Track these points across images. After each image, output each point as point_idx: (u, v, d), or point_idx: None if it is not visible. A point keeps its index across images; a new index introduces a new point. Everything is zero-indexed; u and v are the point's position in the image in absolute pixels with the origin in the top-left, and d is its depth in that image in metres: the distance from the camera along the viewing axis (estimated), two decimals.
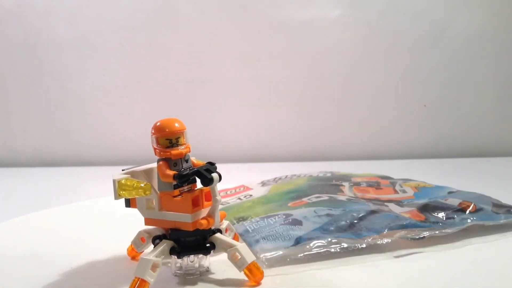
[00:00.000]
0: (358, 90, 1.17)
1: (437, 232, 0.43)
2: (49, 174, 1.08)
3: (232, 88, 1.18)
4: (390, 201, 0.53)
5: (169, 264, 0.38)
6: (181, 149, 0.36)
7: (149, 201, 0.37)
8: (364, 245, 0.41)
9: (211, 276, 0.38)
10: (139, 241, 0.40)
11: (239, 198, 0.59)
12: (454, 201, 0.49)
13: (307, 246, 0.40)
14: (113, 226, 0.45)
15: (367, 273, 0.37)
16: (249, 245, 0.41)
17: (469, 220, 0.45)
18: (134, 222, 0.40)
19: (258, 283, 0.35)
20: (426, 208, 0.48)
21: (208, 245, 0.36)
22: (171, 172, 0.35)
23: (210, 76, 1.17)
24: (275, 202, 0.54)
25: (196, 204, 0.36)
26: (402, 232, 0.43)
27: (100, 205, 0.50)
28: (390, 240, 0.42)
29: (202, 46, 1.16)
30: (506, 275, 0.36)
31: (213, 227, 0.37)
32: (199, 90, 1.18)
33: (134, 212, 0.38)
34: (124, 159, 1.15)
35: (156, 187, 0.37)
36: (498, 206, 0.49)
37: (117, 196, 0.35)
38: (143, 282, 0.33)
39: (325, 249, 0.40)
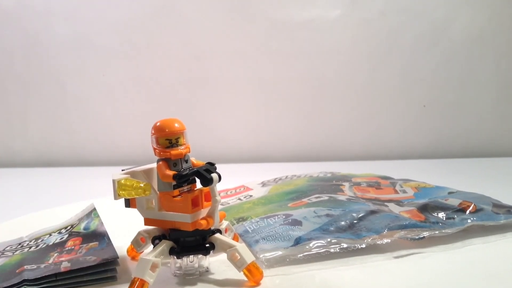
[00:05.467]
0: (358, 90, 1.17)
1: (437, 232, 0.43)
2: (49, 174, 1.08)
3: (232, 88, 1.18)
4: (390, 201, 0.53)
5: (169, 264, 0.38)
6: (180, 149, 0.36)
7: (149, 201, 0.37)
8: (363, 246, 0.41)
9: (211, 276, 0.38)
10: (138, 241, 0.40)
11: (239, 199, 0.59)
12: (454, 201, 0.49)
13: (307, 247, 0.40)
14: (113, 226, 0.45)
15: (366, 273, 0.37)
16: (249, 246, 0.41)
17: (469, 220, 0.45)
18: (134, 222, 0.40)
19: (258, 283, 0.35)
20: (426, 208, 0.48)
21: (207, 245, 0.36)
22: (171, 172, 0.35)
23: (210, 76, 1.17)
24: (275, 202, 0.54)
25: (195, 204, 0.36)
26: (402, 232, 0.43)
27: (100, 205, 0.50)
28: (389, 241, 0.42)
29: (202, 46, 1.16)
30: (506, 275, 0.36)
31: (212, 227, 0.37)
32: (199, 90, 1.18)
33: (134, 212, 0.38)
34: (124, 159, 1.15)
35: (155, 187, 0.37)
36: (498, 206, 0.49)
37: (117, 196, 0.35)
38: (142, 282, 0.33)
39: (324, 250, 0.40)
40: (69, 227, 0.48)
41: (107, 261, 0.37)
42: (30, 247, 0.44)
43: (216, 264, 0.39)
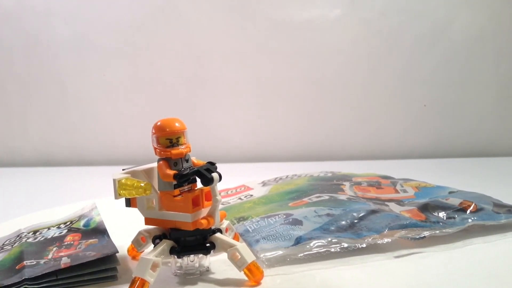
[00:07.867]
0: (358, 90, 1.17)
1: (437, 231, 0.43)
2: (49, 174, 1.07)
3: (233, 88, 1.18)
4: (390, 200, 0.53)
5: (169, 264, 0.38)
6: (181, 149, 0.36)
7: (149, 200, 0.37)
8: (364, 245, 0.41)
9: (211, 275, 0.38)
10: (139, 241, 0.40)
11: (240, 198, 0.59)
12: (455, 201, 0.49)
13: (307, 246, 0.40)
14: (113, 226, 0.45)
15: (367, 273, 0.37)
16: (249, 245, 0.41)
17: (470, 220, 0.45)
18: (134, 221, 0.40)
19: (258, 283, 0.35)
20: (426, 208, 0.48)
21: (208, 244, 0.36)
22: (172, 172, 0.35)
23: (210, 76, 1.17)
24: (275, 202, 0.54)
25: (196, 203, 0.36)
26: (403, 232, 0.43)
27: (100, 205, 0.50)
28: (390, 240, 0.42)
29: (202, 46, 1.16)
30: (507, 275, 0.36)
31: (213, 227, 0.37)
32: (199, 90, 1.18)
33: (134, 211, 0.38)
34: (124, 159, 1.15)
35: (156, 186, 0.37)
36: (499, 205, 0.49)
37: (117, 195, 0.35)
38: (143, 281, 0.33)
39: (325, 249, 0.40)
40: (68, 223, 0.48)
41: (107, 256, 0.37)
42: (28, 238, 0.44)
43: (217, 263, 0.39)
